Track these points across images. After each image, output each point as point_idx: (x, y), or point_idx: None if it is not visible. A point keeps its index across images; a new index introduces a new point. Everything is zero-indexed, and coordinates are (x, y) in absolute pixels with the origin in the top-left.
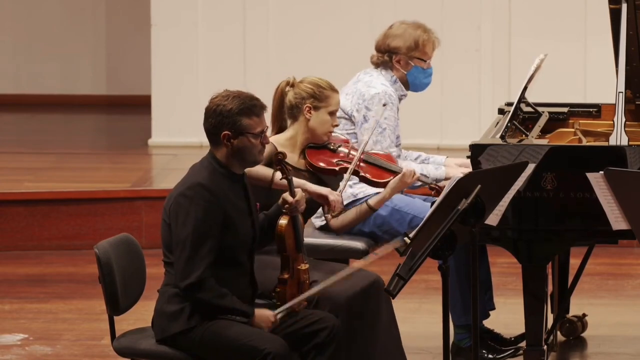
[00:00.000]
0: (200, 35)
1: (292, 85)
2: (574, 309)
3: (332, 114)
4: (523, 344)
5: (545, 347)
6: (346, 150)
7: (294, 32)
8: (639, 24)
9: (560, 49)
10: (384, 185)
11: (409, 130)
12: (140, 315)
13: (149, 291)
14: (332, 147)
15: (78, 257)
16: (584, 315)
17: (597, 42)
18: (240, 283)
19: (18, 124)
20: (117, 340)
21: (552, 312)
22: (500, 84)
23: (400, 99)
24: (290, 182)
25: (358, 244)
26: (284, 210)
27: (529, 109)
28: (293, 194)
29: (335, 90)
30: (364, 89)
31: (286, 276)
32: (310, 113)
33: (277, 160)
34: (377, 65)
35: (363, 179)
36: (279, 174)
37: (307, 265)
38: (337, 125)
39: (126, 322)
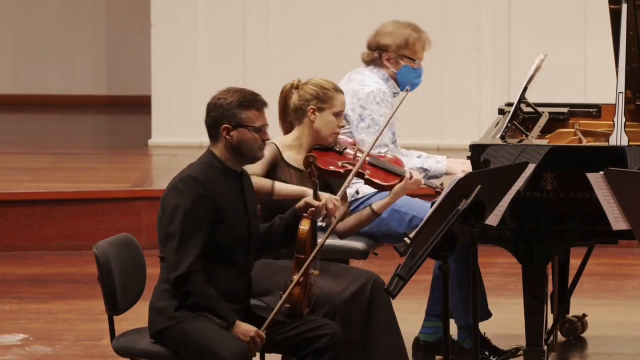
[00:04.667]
0: (200, 35)
1: (297, 87)
2: (574, 309)
3: (337, 115)
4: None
5: (545, 347)
6: (352, 152)
7: (294, 32)
8: (639, 24)
9: (560, 49)
10: (389, 188)
11: (409, 130)
12: (140, 315)
13: (148, 291)
14: (338, 149)
15: (78, 257)
16: (584, 315)
17: (597, 42)
18: (235, 283)
19: (18, 124)
20: (116, 340)
21: (552, 312)
22: (500, 84)
23: (393, 97)
24: (316, 185)
25: (358, 244)
26: (306, 214)
27: (529, 109)
28: (318, 198)
29: (339, 91)
30: (358, 87)
31: (299, 279)
32: (314, 115)
33: (307, 163)
34: (367, 63)
35: (368, 182)
36: (279, 185)
37: (317, 272)
38: (343, 127)
39: (126, 322)
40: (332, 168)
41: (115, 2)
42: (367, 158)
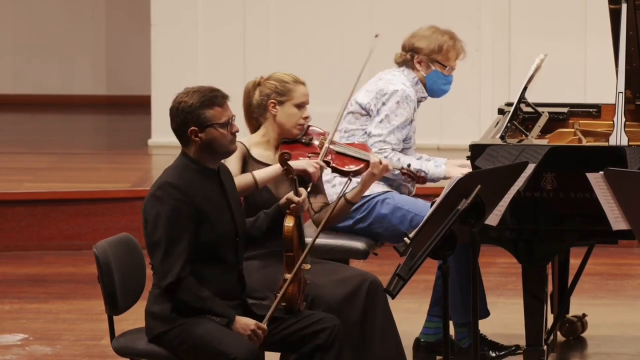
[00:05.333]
0: (200, 35)
1: (259, 85)
2: (574, 309)
3: (299, 106)
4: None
5: (545, 347)
6: (319, 143)
7: (294, 32)
8: (639, 24)
9: (560, 49)
10: (355, 174)
11: None
12: (140, 315)
13: (148, 291)
14: (304, 141)
15: (78, 257)
16: (584, 315)
17: (597, 42)
18: (227, 280)
19: (18, 124)
20: (115, 339)
21: (552, 312)
22: (500, 84)
23: (419, 101)
24: (295, 181)
25: (358, 244)
26: (289, 211)
27: (529, 109)
28: (298, 194)
29: (300, 83)
30: (384, 85)
31: (291, 276)
32: (275, 108)
33: (282, 161)
34: (399, 64)
35: (334, 170)
36: (259, 172)
37: (309, 266)
38: (307, 118)
39: (126, 322)
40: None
41: (115, 2)
42: (333, 147)
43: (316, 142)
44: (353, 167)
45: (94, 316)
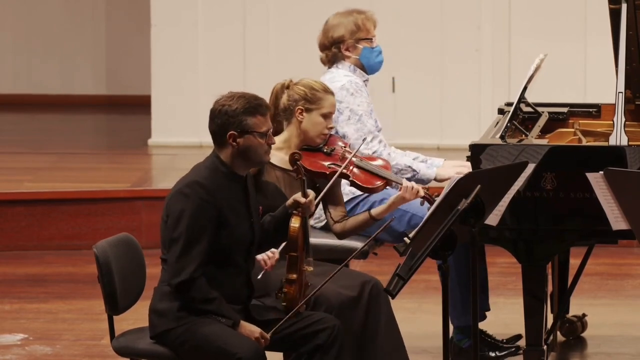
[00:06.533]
0: (200, 35)
1: (287, 87)
2: (574, 309)
3: (325, 116)
4: (523, 343)
5: (545, 347)
6: (340, 153)
7: (294, 32)
8: (639, 24)
9: (560, 49)
10: (373, 190)
11: (409, 130)
12: (140, 315)
13: (148, 291)
14: (326, 150)
15: (78, 257)
16: (584, 315)
17: (597, 42)
18: (235, 283)
19: (18, 124)
20: (116, 339)
21: (552, 312)
22: (500, 84)
23: (365, 84)
24: (303, 182)
25: (358, 244)
26: (295, 212)
27: (529, 109)
28: (305, 195)
29: (329, 93)
30: (329, 85)
31: (294, 277)
32: (302, 115)
33: (293, 160)
34: (330, 63)
35: (353, 184)
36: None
37: (311, 268)
38: (332, 128)
39: (126, 322)
40: (318, 169)
41: (115, 2)
42: (355, 160)
43: (337, 152)
44: (372, 185)
45: (94, 316)
